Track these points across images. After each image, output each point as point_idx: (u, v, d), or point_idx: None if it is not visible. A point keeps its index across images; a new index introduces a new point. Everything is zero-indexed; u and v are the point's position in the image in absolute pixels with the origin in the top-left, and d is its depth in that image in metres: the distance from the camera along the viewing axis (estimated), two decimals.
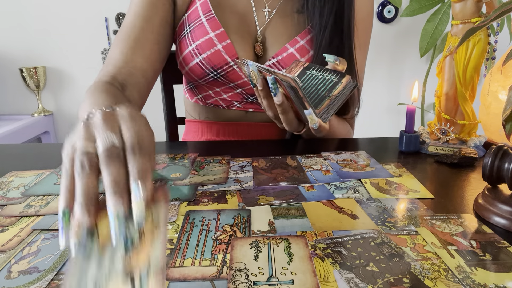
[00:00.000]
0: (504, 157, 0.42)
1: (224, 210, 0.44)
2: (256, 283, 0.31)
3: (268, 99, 0.56)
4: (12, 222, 0.42)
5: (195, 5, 0.72)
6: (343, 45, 0.71)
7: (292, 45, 0.72)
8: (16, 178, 0.55)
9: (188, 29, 0.72)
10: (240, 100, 0.77)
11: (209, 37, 0.69)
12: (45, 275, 0.33)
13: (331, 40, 0.70)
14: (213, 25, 0.70)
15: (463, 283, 0.31)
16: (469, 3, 0.59)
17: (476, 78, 0.62)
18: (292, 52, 0.71)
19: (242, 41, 0.72)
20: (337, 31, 0.70)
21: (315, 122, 0.51)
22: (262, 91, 0.55)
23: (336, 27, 0.70)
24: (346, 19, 0.71)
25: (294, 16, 0.74)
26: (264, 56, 0.75)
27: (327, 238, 0.38)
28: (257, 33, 0.74)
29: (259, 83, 0.54)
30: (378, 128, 2.09)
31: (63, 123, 2.05)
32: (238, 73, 0.72)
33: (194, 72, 0.73)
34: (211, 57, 0.70)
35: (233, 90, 0.76)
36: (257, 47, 0.74)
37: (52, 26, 1.89)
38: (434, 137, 0.66)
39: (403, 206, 0.45)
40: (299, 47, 0.72)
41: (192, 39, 0.71)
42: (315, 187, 0.50)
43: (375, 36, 1.94)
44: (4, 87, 1.98)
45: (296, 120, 0.57)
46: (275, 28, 0.74)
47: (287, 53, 0.72)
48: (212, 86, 0.76)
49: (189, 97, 0.84)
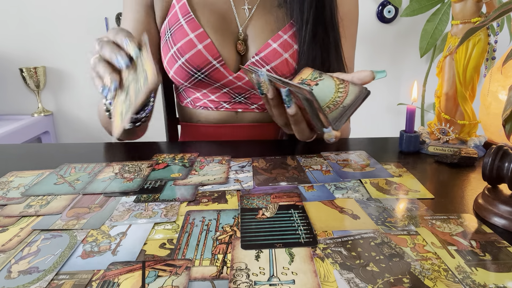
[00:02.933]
0: (504, 157, 0.42)
1: (224, 210, 0.44)
2: (257, 283, 0.31)
3: (279, 108, 0.55)
4: (12, 222, 0.42)
5: (174, 9, 0.73)
6: (328, 37, 0.71)
7: (275, 40, 0.71)
8: (16, 178, 0.55)
9: (169, 33, 0.73)
10: (229, 101, 0.77)
11: (189, 38, 0.70)
12: (45, 275, 0.33)
13: (315, 34, 0.70)
14: (192, 26, 0.70)
15: (463, 283, 0.31)
16: (469, 3, 0.60)
17: (476, 78, 0.62)
18: (276, 48, 0.71)
19: (223, 40, 0.72)
20: (320, 24, 0.70)
21: (332, 136, 0.49)
22: (273, 100, 0.54)
23: (318, 20, 0.70)
24: (328, 12, 0.70)
25: (275, 11, 0.74)
26: (247, 54, 0.74)
27: (327, 238, 0.38)
28: (238, 31, 0.74)
29: (270, 93, 0.53)
30: (378, 128, 2.09)
31: (63, 123, 2.05)
32: (222, 72, 0.72)
33: (178, 75, 0.73)
34: (193, 58, 0.70)
35: (219, 90, 0.76)
36: (238, 45, 0.73)
37: (52, 26, 1.89)
38: (434, 137, 0.66)
39: (403, 206, 0.45)
40: (282, 42, 0.71)
41: (173, 42, 0.72)
42: (315, 187, 0.50)
43: (375, 36, 1.95)
44: (4, 87, 1.98)
45: (308, 130, 0.55)
46: (256, 24, 0.74)
47: (271, 49, 0.71)
48: (199, 88, 0.77)
49: (180, 101, 0.85)
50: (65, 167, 0.59)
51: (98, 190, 0.50)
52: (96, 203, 0.47)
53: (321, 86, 0.55)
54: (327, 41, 0.71)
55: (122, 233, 0.40)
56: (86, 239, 0.39)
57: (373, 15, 1.92)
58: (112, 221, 0.42)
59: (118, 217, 0.43)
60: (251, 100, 0.78)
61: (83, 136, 2.06)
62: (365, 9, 1.90)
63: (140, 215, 0.43)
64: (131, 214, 0.44)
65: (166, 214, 0.43)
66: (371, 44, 1.96)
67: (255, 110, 0.79)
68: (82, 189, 0.51)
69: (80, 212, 0.44)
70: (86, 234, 0.40)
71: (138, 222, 0.42)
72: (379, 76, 0.52)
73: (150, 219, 0.42)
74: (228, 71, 0.72)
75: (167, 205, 0.46)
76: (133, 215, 0.43)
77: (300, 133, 0.55)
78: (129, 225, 0.41)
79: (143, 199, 0.47)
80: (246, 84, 0.74)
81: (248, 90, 0.75)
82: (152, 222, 0.42)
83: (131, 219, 0.42)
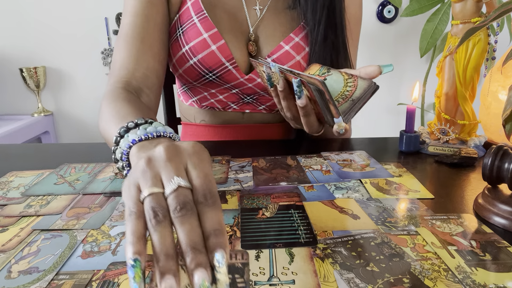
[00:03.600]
0: (504, 157, 0.42)
1: (224, 210, 0.44)
2: (257, 283, 0.31)
3: (288, 100, 0.55)
4: (12, 222, 0.42)
5: (186, 5, 0.70)
6: (338, 39, 0.71)
7: (287, 42, 0.71)
8: (16, 178, 0.55)
9: (180, 31, 0.70)
10: (237, 101, 0.77)
11: (203, 38, 0.68)
12: (45, 275, 0.33)
13: (326, 35, 0.70)
14: (206, 26, 0.68)
15: (463, 283, 0.31)
16: (469, 3, 0.60)
17: (476, 78, 0.62)
18: (288, 50, 0.71)
19: (235, 41, 0.71)
20: (331, 26, 0.70)
21: (342, 127, 0.49)
22: (283, 92, 0.54)
23: (330, 21, 0.70)
24: (338, 13, 0.70)
25: (286, 12, 0.74)
26: (258, 55, 0.74)
27: (327, 238, 0.38)
28: (249, 31, 0.73)
29: (281, 84, 0.52)
30: (378, 128, 2.09)
31: (63, 123, 2.05)
32: (234, 73, 0.71)
33: (188, 74, 0.72)
34: (206, 59, 0.69)
35: (229, 91, 0.75)
36: (250, 46, 0.72)
37: (52, 26, 1.89)
38: (434, 137, 0.66)
39: (403, 206, 0.45)
40: (294, 44, 0.71)
41: (186, 41, 0.69)
42: (315, 187, 0.50)
43: (375, 36, 1.95)
44: (4, 87, 1.98)
45: (317, 122, 0.55)
46: (267, 25, 0.73)
47: (283, 51, 0.71)
48: (207, 88, 0.75)
49: (184, 100, 0.83)
50: (65, 167, 0.59)
51: (98, 190, 0.50)
52: (96, 203, 0.47)
53: (330, 80, 0.55)
54: (336, 42, 0.71)
55: (122, 233, 0.40)
56: (86, 239, 0.39)
57: (373, 15, 1.92)
58: (112, 221, 0.42)
59: (118, 217, 0.43)
60: (259, 101, 0.77)
61: (83, 136, 2.06)
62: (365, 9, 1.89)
63: None
64: None
65: None
66: (371, 44, 1.96)
67: (263, 111, 0.79)
68: (82, 189, 0.51)
69: (80, 212, 0.44)
70: (86, 234, 0.40)
71: None
72: (386, 70, 0.52)
73: None
74: (240, 73, 0.71)
75: None
76: None
77: (309, 125, 0.55)
78: None
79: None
80: (256, 86, 0.73)
81: (257, 92, 0.75)
82: None
83: None
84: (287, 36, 0.71)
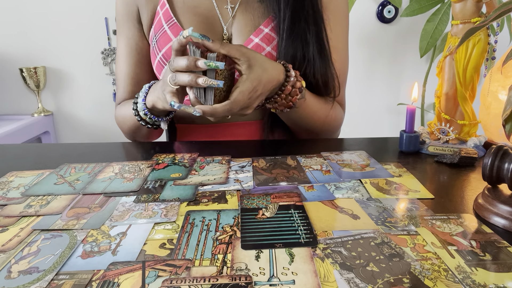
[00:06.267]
0: (504, 157, 0.42)
1: (224, 210, 0.44)
2: (257, 283, 0.31)
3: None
4: (12, 222, 0.42)
5: (158, 16, 0.75)
6: (309, 29, 0.70)
7: (256, 35, 0.72)
8: (16, 178, 0.55)
9: (154, 40, 0.75)
10: None
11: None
12: (45, 275, 0.33)
13: (294, 25, 0.70)
14: (175, 31, 0.71)
15: (463, 283, 0.31)
16: (469, 3, 0.60)
17: (476, 78, 0.62)
18: (258, 42, 0.72)
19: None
20: (300, 16, 0.70)
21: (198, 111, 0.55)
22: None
23: (298, 12, 0.70)
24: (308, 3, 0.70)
25: (257, 6, 0.74)
26: None
27: (327, 238, 0.38)
28: (223, 30, 0.75)
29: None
30: (378, 128, 2.08)
31: (63, 123, 2.05)
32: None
33: None
34: None
35: None
36: None
37: (52, 26, 1.88)
38: (434, 137, 0.66)
39: (403, 206, 0.45)
40: (264, 35, 0.72)
41: (158, 49, 0.73)
42: (315, 187, 0.50)
43: (375, 36, 1.95)
44: (4, 87, 1.98)
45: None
46: (239, 22, 0.74)
47: (253, 44, 0.72)
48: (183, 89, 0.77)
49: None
50: (65, 167, 0.59)
51: (98, 190, 0.50)
52: (96, 203, 0.47)
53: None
54: (307, 33, 0.70)
55: (122, 233, 0.40)
56: (86, 239, 0.39)
57: (373, 15, 1.92)
58: (112, 221, 0.42)
59: (118, 217, 0.43)
60: None
61: (83, 136, 2.06)
62: (365, 9, 1.90)
63: (140, 215, 0.43)
64: (131, 214, 0.44)
65: (166, 214, 0.43)
66: (371, 44, 1.96)
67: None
68: (82, 189, 0.51)
69: (80, 212, 0.44)
70: (86, 234, 0.40)
71: (138, 222, 0.42)
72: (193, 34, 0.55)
73: (150, 219, 0.42)
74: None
75: (167, 205, 0.46)
76: (133, 215, 0.43)
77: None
78: (129, 225, 0.41)
79: (143, 199, 0.47)
80: None
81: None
82: (152, 222, 0.42)
83: (131, 219, 0.42)
84: (256, 29, 0.72)
